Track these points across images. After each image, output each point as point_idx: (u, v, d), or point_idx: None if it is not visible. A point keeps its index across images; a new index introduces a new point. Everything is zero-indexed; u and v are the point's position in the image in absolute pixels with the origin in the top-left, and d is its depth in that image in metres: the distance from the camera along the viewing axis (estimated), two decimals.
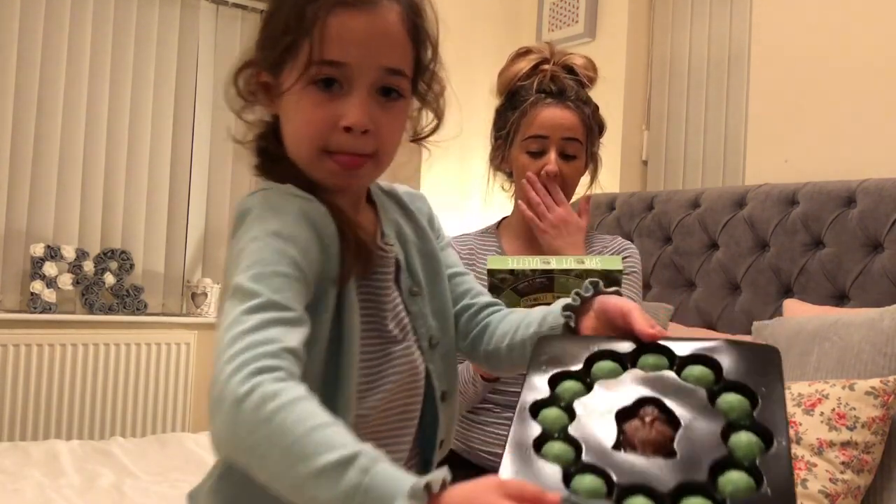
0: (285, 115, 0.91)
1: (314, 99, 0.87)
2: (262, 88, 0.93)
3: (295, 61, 0.87)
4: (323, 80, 0.87)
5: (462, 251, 1.64)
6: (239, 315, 0.76)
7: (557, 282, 1.27)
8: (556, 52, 1.60)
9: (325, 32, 0.86)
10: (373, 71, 0.88)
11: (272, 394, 0.68)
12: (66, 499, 1.70)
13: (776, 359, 0.80)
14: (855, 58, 2.24)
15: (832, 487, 1.43)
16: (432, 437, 1.01)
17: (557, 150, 1.54)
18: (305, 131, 0.89)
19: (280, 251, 0.81)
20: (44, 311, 2.94)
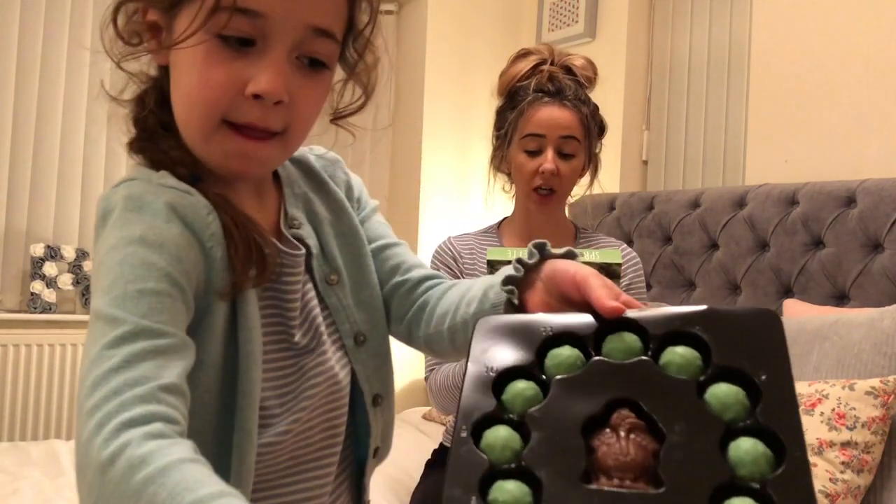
0: (176, 71, 0.72)
1: (217, 55, 0.68)
2: (150, 30, 0.74)
3: (196, 2, 0.67)
4: (232, 34, 0.68)
5: (463, 251, 1.64)
6: (100, 350, 0.60)
7: None
8: (556, 52, 1.60)
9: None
10: (296, 29, 0.70)
11: (140, 459, 0.53)
12: (65, 499, 1.70)
13: (776, 325, 0.61)
14: (855, 58, 2.24)
15: (832, 487, 1.43)
16: (364, 447, 0.86)
17: (555, 148, 1.54)
18: (200, 94, 0.69)
19: (145, 263, 0.64)
20: (44, 311, 2.94)
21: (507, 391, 0.61)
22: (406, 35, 3.44)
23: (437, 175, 3.31)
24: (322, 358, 0.80)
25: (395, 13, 3.46)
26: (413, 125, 3.35)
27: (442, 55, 3.31)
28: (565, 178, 1.56)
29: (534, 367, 0.63)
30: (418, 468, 1.70)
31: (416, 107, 3.34)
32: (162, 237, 0.66)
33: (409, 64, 3.41)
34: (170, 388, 0.59)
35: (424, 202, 3.29)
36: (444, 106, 3.31)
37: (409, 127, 3.38)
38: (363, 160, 3.46)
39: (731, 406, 0.57)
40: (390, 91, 3.49)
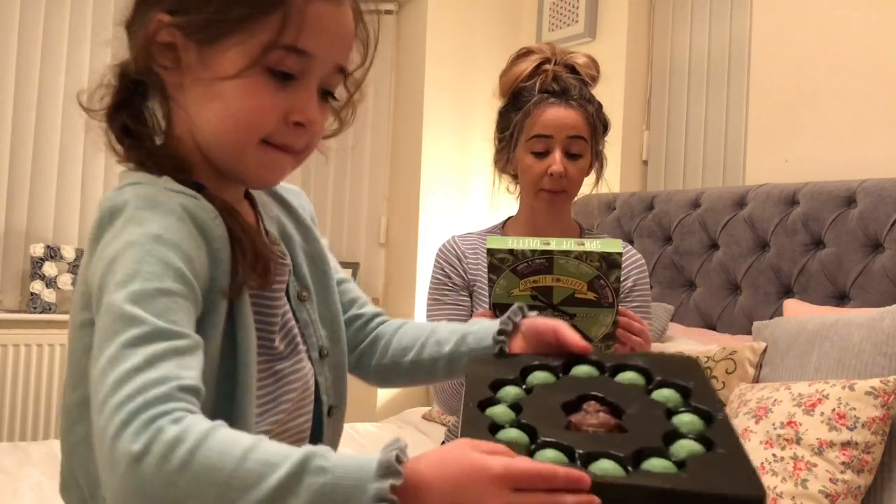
0: (210, 94, 0.76)
1: (265, 87, 0.76)
2: (165, 49, 0.77)
3: (244, 38, 0.74)
4: (281, 69, 0.76)
5: (467, 250, 1.63)
6: (120, 349, 0.63)
7: (556, 263, 1.25)
8: (558, 51, 1.60)
9: (300, 18, 0.75)
10: (328, 67, 0.79)
11: (176, 438, 0.57)
12: None
13: (696, 365, 0.84)
14: (855, 58, 2.24)
15: (832, 487, 1.43)
16: None
17: (562, 149, 1.53)
18: (247, 119, 0.76)
19: (163, 261, 0.68)
20: (44, 311, 2.94)
21: (501, 391, 0.79)
22: (406, 35, 3.44)
23: (437, 174, 3.31)
24: (298, 365, 0.87)
25: (395, 13, 3.46)
26: (413, 125, 3.35)
27: (442, 55, 3.31)
28: (574, 179, 1.56)
29: (518, 381, 0.81)
30: None
31: (416, 107, 3.34)
32: (177, 237, 0.71)
33: (409, 64, 3.41)
34: (188, 388, 0.62)
35: (424, 202, 3.29)
36: (444, 106, 3.31)
37: (409, 127, 3.38)
38: (363, 160, 3.46)
39: (672, 399, 0.77)
40: (390, 91, 3.49)
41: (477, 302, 1.60)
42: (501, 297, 1.31)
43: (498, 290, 1.30)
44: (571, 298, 1.29)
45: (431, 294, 1.64)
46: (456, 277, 1.61)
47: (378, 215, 3.48)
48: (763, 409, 1.57)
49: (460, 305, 1.60)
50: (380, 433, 2.35)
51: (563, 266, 1.25)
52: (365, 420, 2.90)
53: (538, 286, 1.28)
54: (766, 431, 1.53)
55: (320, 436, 0.92)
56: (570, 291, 1.28)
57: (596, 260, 1.24)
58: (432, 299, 1.63)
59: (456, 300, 1.60)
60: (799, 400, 1.54)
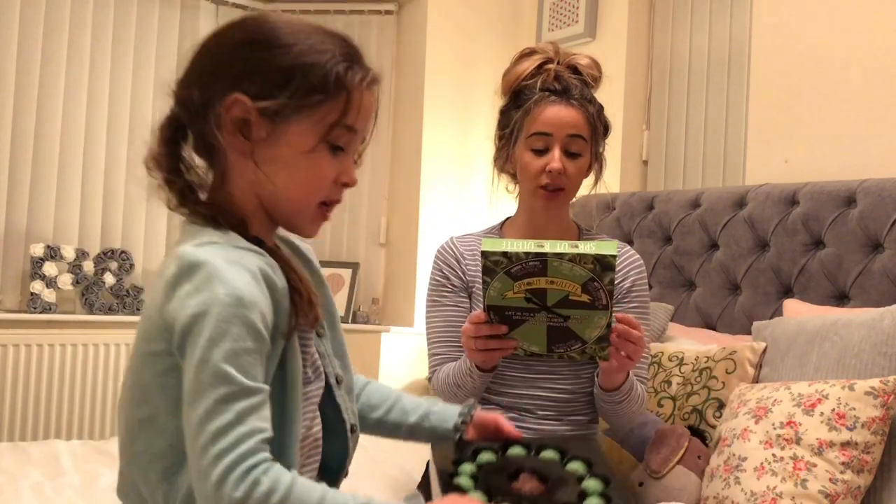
0: (279, 160, 0.92)
1: (326, 157, 0.94)
2: (238, 122, 0.91)
3: (315, 119, 0.92)
4: (339, 144, 0.95)
5: (465, 252, 1.63)
6: (215, 404, 0.81)
7: (550, 265, 1.25)
8: (561, 51, 1.60)
9: (358, 103, 0.95)
10: (362, 138, 1.00)
11: (270, 489, 0.80)
12: (66, 499, 1.70)
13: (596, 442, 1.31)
14: (855, 58, 2.24)
15: (832, 488, 1.43)
16: (340, 467, 1.09)
17: (561, 147, 1.53)
18: (315, 185, 0.95)
19: (246, 322, 0.84)
20: (44, 311, 2.94)
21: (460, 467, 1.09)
22: (406, 35, 3.44)
23: (437, 174, 3.31)
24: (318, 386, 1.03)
25: (395, 13, 3.46)
26: (413, 125, 3.35)
27: (442, 55, 3.31)
28: (572, 177, 1.56)
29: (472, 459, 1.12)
30: (419, 468, 1.70)
31: (416, 107, 3.34)
32: (255, 297, 0.86)
33: (409, 64, 3.41)
34: (268, 439, 0.83)
35: (424, 202, 3.29)
36: (444, 106, 3.31)
37: (409, 127, 3.38)
38: (363, 160, 3.45)
39: (580, 469, 1.11)
40: (390, 91, 3.49)
41: (475, 303, 1.60)
42: (495, 298, 1.31)
43: (492, 293, 1.30)
44: (565, 300, 1.29)
45: (430, 296, 1.64)
46: (454, 279, 1.61)
47: (378, 215, 3.48)
48: (763, 409, 1.57)
49: (459, 307, 1.60)
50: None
51: (556, 268, 1.25)
52: None
53: (532, 288, 1.28)
54: (766, 431, 1.53)
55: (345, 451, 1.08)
56: (565, 294, 1.28)
57: (590, 262, 1.24)
58: (431, 301, 1.63)
59: (455, 301, 1.61)
60: (799, 400, 1.54)
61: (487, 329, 1.37)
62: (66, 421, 2.97)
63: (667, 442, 1.64)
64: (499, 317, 1.34)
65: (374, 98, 0.99)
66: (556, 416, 1.55)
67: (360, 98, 0.95)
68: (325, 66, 0.91)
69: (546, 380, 1.54)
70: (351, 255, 3.46)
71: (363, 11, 3.46)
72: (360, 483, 1.84)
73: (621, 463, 1.75)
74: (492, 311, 1.34)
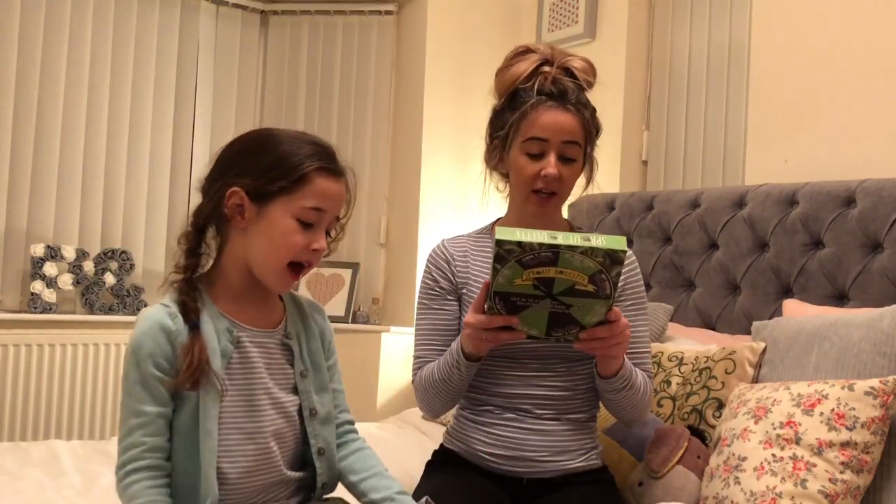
0: (263, 232, 1.22)
1: (298, 229, 1.22)
2: (236, 206, 1.22)
3: (287, 201, 1.21)
4: (308, 220, 1.22)
5: (456, 254, 1.64)
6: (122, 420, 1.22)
7: (562, 257, 1.28)
8: (557, 52, 1.59)
9: (318, 190, 1.23)
10: (331, 217, 1.26)
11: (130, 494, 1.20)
12: (66, 499, 1.70)
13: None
14: (855, 58, 2.24)
15: (832, 488, 1.43)
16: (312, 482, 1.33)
17: (557, 153, 1.53)
18: (283, 251, 1.22)
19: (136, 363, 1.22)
20: (44, 311, 2.94)
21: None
22: (406, 35, 3.44)
23: (437, 174, 3.31)
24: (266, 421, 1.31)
25: (395, 13, 3.46)
26: (413, 125, 3.35)
27: (442, 55, 3.31)
28: (566, 182, 1.56)
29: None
30: (418, 468, 1.70)
31: (415, 107, 3.34)
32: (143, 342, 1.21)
33: (409, 64, 3.41)
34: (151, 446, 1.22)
35: (424, 202, 3.29)
36: (443, 106, 3.31)
37: (409, 127, 3.38)
38: (363, 160, 3.46)
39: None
40: (390, 91, 3.49)
41: (466, 304, 1.61)
42: (503, 285, 1.32)
43: (500, 279, 1.32)
44: (571, 290, 1.32)
45: (420, 299, 1.66)
46: (443, 281, 1.62)
47: (378, 215, 3.48)
48: (762, 409, 1.57)
49: (446, 310, 1.62)
50: (380, 433, 2.35)
51: (567, 260, 1.28)
52: (366, 420, 2.90)
53: (541, 277, 1.30)
54: (766, 431, 1.53)
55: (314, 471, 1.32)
56: (571, 283, 1.31)
57: (600, 256, 1.27)
58: (420, 304, 1.65)
59: (442, 305, 1.62)
60: (798, 400, 1.54)
61: (501, 320, 1.38)
62: (66, 421, 2.97)
63: (666, 442, 1.64)
64: (503, 302, 1.36)
65: (340, 185, 1.26)
66: (555, 414, 1.55)
67: (322, 185, 1.23)
68: (296, 163, 1.22)
69: (541, 377, 1.54)
70: (351, 255, 3.46)
71: (363, 11, 3.46)
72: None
73: (621, 463, 1.75)
74: (498, 297, 1.35)
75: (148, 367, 1.17)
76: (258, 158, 1.23)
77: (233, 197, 1.22)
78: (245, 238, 1.24)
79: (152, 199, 3.25)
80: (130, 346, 1.18)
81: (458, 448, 1.61)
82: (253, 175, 1.22)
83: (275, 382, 1.28)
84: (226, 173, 1.24)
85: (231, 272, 1.27)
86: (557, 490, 1.53)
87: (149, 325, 1.19)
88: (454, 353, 1.50)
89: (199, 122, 3.37)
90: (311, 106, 3.52)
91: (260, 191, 1.21)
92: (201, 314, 1.22)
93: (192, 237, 1.26)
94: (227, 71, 3.44)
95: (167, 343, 1.18)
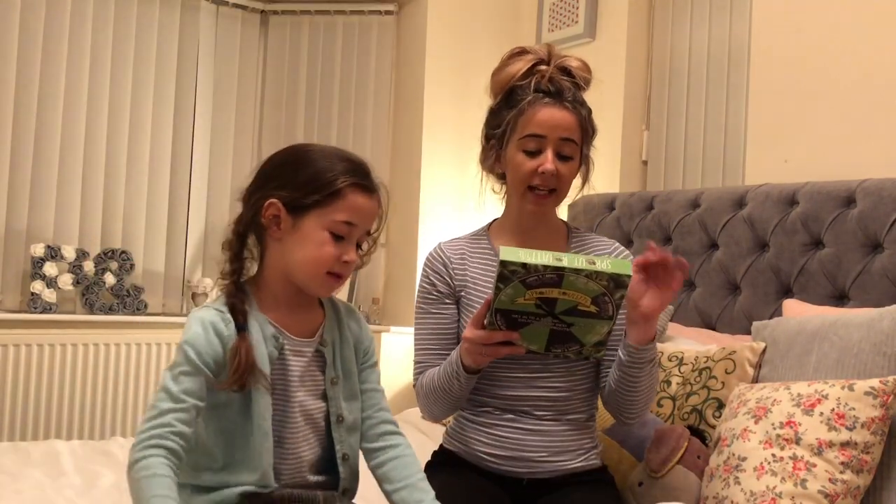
0: (298, 243, 1.28)
1: (330, 241, 1.27)
2: (274, 217, 1.28)
3: (320, 214, 1.27)
4: (339, 233, 1.28)
5: (453, 257, 1.63)
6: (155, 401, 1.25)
7: (566, 279, 1.27)
8: (553, 53, 1.59)
9: (352, 204, 1.28)
10: (362, 231, 1.31)
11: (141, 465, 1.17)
12: (66, 499, 1.70)
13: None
14: (855, 58, 2.24)
15: (832, 488, 1.43)
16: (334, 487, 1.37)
17: (554, 150, 1.53)
18: (320, 262, 1.28)
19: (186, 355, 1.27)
20: (44, 311, 2.94)
21: None
22: (406, 35, 3.44)
23: (437, 174, 3.31)
24: None
25: (395, 13, 3.46)
26: (413, 125, 3.35)
27: (442, 55, 3.31)
28: (564, 179, 1.56)
29: None
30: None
31: (415, 107, 3.34)
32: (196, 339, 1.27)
33: (408, 64, 3.41)
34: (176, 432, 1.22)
35: (424, 202, 3.29)
36: (443, 105, 3.31)
37: (409, 126, 3.38)
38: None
39: None
40: (390, 91, 3.49)
41: (465, 307, 1.60)
42: (505, 303, 1.32)
43: (503, 297, 1.32)
44: (573, 310, 1.32)
45: (418, 303, 1.65)
46: (441, 285, 1.62)
47: None
48: (762, 409, 1.57)
49: (444, 314, 1.62)
50: None
51: (572, 282, 1.28)
52: None
53: (543, 297, 1.30)
54: (766, 431, 1.53)
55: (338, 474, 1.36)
56: (574, 304, 1.31)
57: (605, 279, 1.27)
58: (418, 308, 1.65)
59: (440, 309, 1.62)
60: (798, 400, 1.54)
61: (501, 336, 1.38)
62: (66, 421, 2.97)
63: (666, 442, 1.64)
64: (504, 319, 1.36)
65: (373, 201, 1.31)
66: (554, 415, 1.55)
67: (355, 201, 1.28)
68: (330, 178, 1.27)
69: (541, 379, 1.54)
70: None
71: (363, 12, 3.46)
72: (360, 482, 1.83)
73: (621, 463, 1.75)
74: (498, 313, 1.35)
75: (198, 362, 1.22)
76: (296, 172, 1.29)
77: (270, 208, 1.28)
78: (282, 247, 1.30)
79: (152, 199, 3.25)
80: (186, 341, 1.23)
81: (457, 448, 1.60)
82: (290, 188, 1.28)
83: (305, 389, 1.33)
84: (265, 185, 1.30)
85: (272, 278, 1.33)
86: (557, 490, 1.53)
87: (203, 326, 1.24)
88: (454, 363, 1.50)
89: (199, 122, 3.37)
90: (311, 106, 3.52)
91: (296, 203, 1.27)
92: (248, 317, 1.28)
93: (234, 244, 1.32)
94: (227, 71, 3.44)
95: (219, 344, 1.23)
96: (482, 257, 1.63)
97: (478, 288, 1.60)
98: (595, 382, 1.61)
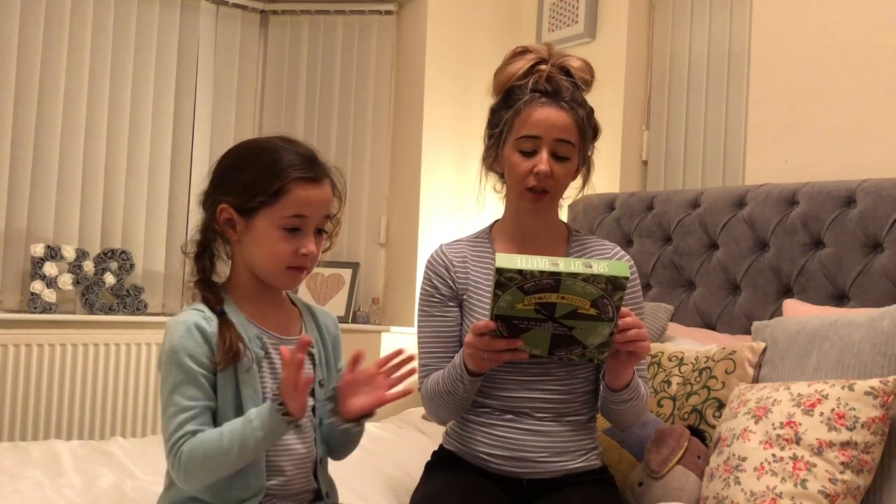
0: (254, 243, 1.31)
1: (284, 236, 1.30)
2: (228, 221, 1.31)
3: (269, 213, 1.28)
4: (292, 227, 1.29)
5: (455, 259, 1.63)
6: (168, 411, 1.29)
7: (564, 284, 1.27)
8: (554, 52, 1.59)
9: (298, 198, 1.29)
10: (319, 218, 1.33)
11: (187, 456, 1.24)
12: (66, 499, 1.70)
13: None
14: (855, 58, 2.24)
15: (832, 488, 1.43)
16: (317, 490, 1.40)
17: (549, 150, 1.53)
18: (277, 257, 1.30)
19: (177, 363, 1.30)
20: (44, 311, 2.94)
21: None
22: (406, 35, 3.44)
23: (437, 174, 3.31)
24: None
25: (395, 13, 3.46)
26: (413, 125, 3.35)
27: (442, 55, 3.31)
28: (559, 180, 1.55)
29: None
30: (418, 468, 1.70)
31: (415, 106, 3.33)
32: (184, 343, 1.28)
33: (409, 64, 3.41)
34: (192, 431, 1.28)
35: (424, 201, 3.29)
36: (444, 106, 3.31)
37: (409, 127, 3.38)
38: (363, 160, 3.46)
39: None
40: (390, 91, 3.49)
41: (468, 310, 1.60)
42: (504, 309, 1.33)
43: (501, 304, 1.32)
44: (573, 313, 1.32)
45: (421, 306, 1.65)
46: (444, 288, 1.62)
47: (378, 215, 3.48)
48: (762, 409, 1.57)
49: (447, 317, 1.62)
50: (380, 433, 2.35)
51: (569, 286, 1.28)
52: None
53: (542, 302, 1.30)
54: (766, 431, 1.53)
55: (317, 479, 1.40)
56: (573, 308, 1.31)
57: (602, 282, 1.27)
58: (421, 311, 1.65)
59: (443, 312, 1.62)
60: (798, 400, 1.54)
61: (504, 343, 1.38)
62: (66, 421, 2.97)
63: (666, 442, 1.64)
64: (505, 325, 1.36)
65: (322, 189, 1.31)
66: (554, 416, 1.55)
67: (300, 194, 1.29)
68: (272, 176, 1.28)
69: (541, 381, 1.54)
70: (351, 255, 3.46)
71: (363, 11, 3.46)
72: (360, 482, 1.84)
73: (621, 463, 1.75)
74: (499, 319, 1.35)
75: (191, 364, 1.24)
76: (239, 174, 1.31)
77: (223, 213, 1.31)
78: (242, 248, 1.34)
79: (152, 199, 3.25)
80: (169, 350, 1.25)
81: (457, 449, 1.60)
82: (236, 192, 1.30)
83: None
84: (215, 191, 1.34)
85: (244, 277, 1.36)
86: (557, 490, 1.53)
87: (185, 328, 1.26)
88: (457, 367, 1.50)
89: (199, 122, 3.36)
90: (311, 106, 3.52)
91: (244, 206, 1.29)
92: (227, 313, 1.31)
93: (196, 245, 1.35)
94: (227, 71, 3.44)
95: (204, 342, 1.26)
96: (484, 260, 1.63)
97: (480, 290, 1.59)
98: (595, 385, 1.60)
